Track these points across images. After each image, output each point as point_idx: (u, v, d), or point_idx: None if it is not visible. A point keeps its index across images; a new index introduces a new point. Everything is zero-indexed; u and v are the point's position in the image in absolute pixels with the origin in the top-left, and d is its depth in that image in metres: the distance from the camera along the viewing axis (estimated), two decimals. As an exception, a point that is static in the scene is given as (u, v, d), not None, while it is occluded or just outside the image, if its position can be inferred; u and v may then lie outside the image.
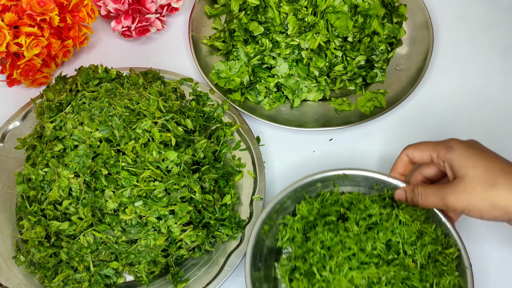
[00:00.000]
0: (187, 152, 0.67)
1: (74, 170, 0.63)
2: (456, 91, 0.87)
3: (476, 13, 0.95)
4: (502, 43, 0.91)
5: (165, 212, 0.64)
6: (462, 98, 0.86)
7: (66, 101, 0.70)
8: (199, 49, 0.87)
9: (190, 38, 0.86)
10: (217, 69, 0.83)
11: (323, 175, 0.71)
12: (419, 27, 0.88)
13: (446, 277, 0.63)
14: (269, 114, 0.81)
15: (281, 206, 0.70)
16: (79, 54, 0.89)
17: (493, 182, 0.59)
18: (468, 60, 0.90)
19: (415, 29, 0.89)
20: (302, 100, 0.83)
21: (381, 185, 0.70)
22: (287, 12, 0.80)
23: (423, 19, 0.89)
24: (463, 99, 0.86)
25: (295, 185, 0.70)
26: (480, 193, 0.59)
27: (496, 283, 0.71)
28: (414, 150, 0.67)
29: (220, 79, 0.83)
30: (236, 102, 0.81)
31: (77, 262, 0.65)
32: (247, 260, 0.66)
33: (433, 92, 0.86)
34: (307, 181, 0.71)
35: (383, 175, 0.70)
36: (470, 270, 0.64)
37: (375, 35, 0.83)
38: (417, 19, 0.89)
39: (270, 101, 0.82)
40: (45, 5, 0.76)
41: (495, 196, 0.59)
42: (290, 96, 0.82)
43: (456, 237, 0.65)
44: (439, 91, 0.86)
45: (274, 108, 0.83)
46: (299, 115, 0.81)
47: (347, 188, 0.72)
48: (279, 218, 0.70)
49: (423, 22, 0.88)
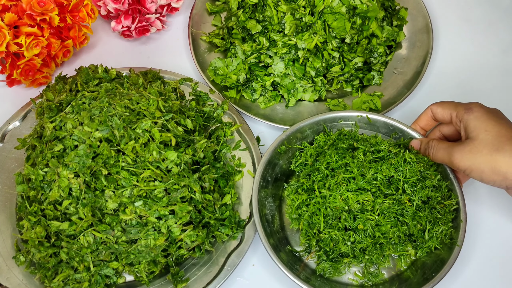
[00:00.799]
0: (187, 152, 0.67)
1: (74, 170, 0.63)
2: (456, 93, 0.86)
3: (476, 14, 0.95)
4: (502, 43, 0.91)
5: (165, 212, 0.64)
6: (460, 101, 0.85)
7: (66, 101, 0.70)
8: (198, 45, 0.87)
9: (190, 34, 0.87)
10: (215, 66, 0.83)
11: (345, 114, 0.75)
12: (420, 31, 0.88)
13: (439, 226, 0.67)
14: (264, 113, 0.81)
15: (302, 134, 0.75)
16: (79, 54, 0.89)
17: (499, 147, 0.61)
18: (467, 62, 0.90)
19: (415, 33, 0.89)
20: (297, 99, 0.83)
21: (399, 134, 0.75)
22: (284, 11, 0.80)
23: (423, 23, 0.88)
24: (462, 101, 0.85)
25: (318, 118, 0.75)
26: (484, 156, 0.61)
27: (485, 243, 0.74)
28: (438, 107, 0.70)
29: (217, 76, 0.83)
30: (232, 100, 0.81)
31: (77, 262, 0.65)
32: (259, 170, 0.71)
33: (430, 96, 0.86)
34: (329, 116, 0.75)
35: (404, 125, 0.74)
36: (464, 224, 0.67)
37: (373, 38, 0.83)
38: (417, 23, 0.89)
39: (265, 99, 0.83)
40: (45, 5, 0.76)
41: (497, 160, 0.61)
42: (285, 95, 0.83)
43: (459, 192, 0.69)
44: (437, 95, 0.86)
45: (269, 107, 0.83)
46: (294, 115, 0.82)
47: (367, 132, 0.77)
48: (297, 144, 0.75)
49: (423, 26, 0.88)
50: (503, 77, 0.88)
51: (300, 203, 0.69)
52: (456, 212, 0.69)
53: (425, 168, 0.69)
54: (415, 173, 0.67)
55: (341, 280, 0.69)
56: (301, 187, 0.71)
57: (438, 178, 0.69)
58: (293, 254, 0.70)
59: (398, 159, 0.68)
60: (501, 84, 0.87)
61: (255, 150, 0.76)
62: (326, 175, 0.69)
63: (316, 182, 0.69)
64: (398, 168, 0.68)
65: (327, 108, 0.82)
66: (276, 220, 0.72)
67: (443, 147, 0.67)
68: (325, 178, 0.69)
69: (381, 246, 0.67)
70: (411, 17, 0.90)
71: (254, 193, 0.70)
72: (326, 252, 0.68)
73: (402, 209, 0.66)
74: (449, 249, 0.66)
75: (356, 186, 0.66)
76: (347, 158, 0.69)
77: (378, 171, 0.67)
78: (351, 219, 0.66)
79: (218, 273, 0.67)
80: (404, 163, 0.68)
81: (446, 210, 0.68)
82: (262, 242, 0.67)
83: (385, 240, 0.66)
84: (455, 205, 0.69)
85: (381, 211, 0.66)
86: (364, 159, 0.68)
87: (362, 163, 0.68)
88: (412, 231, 0.67)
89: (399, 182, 0.67)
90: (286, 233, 0.72)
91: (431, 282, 0.64)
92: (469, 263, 0.72)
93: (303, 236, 0.70)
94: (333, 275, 0.69)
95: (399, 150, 0.70)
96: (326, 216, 0.67)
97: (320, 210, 0.67)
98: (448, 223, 0.68)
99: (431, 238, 0.67)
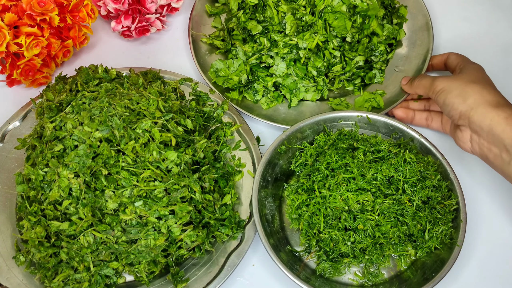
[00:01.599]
0: (187, 152, 0.67)
1: (74, 170, 0.63)
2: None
3: (476, 13, 0.95)
4: (503, 43, 0.91)
5: (165, 212, 0.64)
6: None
7: (66, 101, 0.70)
8: (199, 47, 0.87)
9: (190, 36, 0.87)
10: (216, 67, 0.83)
11: (346, 114, 0.76)
12: (420, 29, 0.88)
13: (439, 226, 0.67)
14: (267, 114, 0.81)
15: (302, 134, 0.75)
16: (79, 54, 0.89)
17: (475, 81, 0.69)
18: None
19: (415, 31, 0.89)
20: (299, 99, 0.83)
21: (399, 134, 0.75)
22: (285, 12, 0.80)
23: (423, 21, 0.88)
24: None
25: (318, 118, 0.75)
26: (460, 81, 0.69)
27: (485, 243, 0.74)
28: (454, 55, 0.80)
29: (218, 77, 0.83)
30: (234, 101, 0.81)
31: (77, 262, 0.65)
32: (259, 170, 0.71)
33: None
34: (329, 116, 0.75)
35: (404, 125, 0.75)
36: (464, 224, 0.68)
37: (374, 36, 0.83)
38: (417, 21, 0.89)
39: (267, 100, 0.83)
40: (45, 5, 0.76)
41: (468, 88, 0.67)
42: (287, 96, 0.82)
43: (459, 192, 0.70)
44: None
45: (271, 107, 0.83)
46: (296, 115, 0.81)
47: (367, 132, 0.77)
48: (297, 144, 0.75)
49: (423, 24, 0.88)
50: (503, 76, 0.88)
51: (300, 203, 0.70)
52: (456, 212, 0.69)
53: (425, 168, 0.69)
54: (415, 173, 0.68)
55: (341, 280, 0.69)
56: (301, 187, 0.71)
57: (438, 178, 0.69)
58: (293, 254, 0.70)
59: (398, 159, 0.68)
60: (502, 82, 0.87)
61: (255, 150, 0.76)
62: (326, 175, 0.69)
63: (316, 182, 0.69)
64: (398, 168, 0.68)
65: (330, 107, 0.82)
66: (276, 220, 0.72)
67: (430, 76, 0.74)
68: (325, 178, 0.69)
69: (381, 246, 0.67)
70: (411, 16, 0.90)
71: (254, 193, 0.70)
72: (326, 252, 0.68)
73: (402, 209, 0.66)
74: (449, 249, 0.66)
75: (356, 187, 0.67)
76: (347, 158, 0.69)
77: (378, 171, 0.67)
78: (351, 219, 0.66)
79: (218, 273, 0.67)
80: (404, 163, 0.68)
81: (446, 210, 0.69)
82: (262, 242, 0.67)
83: (385, 240, 0.66)
84: (455, 205, 0.69)
85: (381, 211, 0.66)
86: (364, 159, 0.69)
87: (362, 163, 0.68)
88: (412, 231, 0.67)
89: (399, 182, 0.67)
90: (286, 233, 0.72)
91: (431, 282, 0.64)
92: (469, 263, 0.72)
93: (303, 236, 0.70)
94: (333, 275, 0.69)
95: (399, 150, 0.70)
96: (326, 216, 0.67)
97: (320, 210, 0.67)
98: (448, 223, 0.68)
99: (431, 238, 0.67)
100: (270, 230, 0.69)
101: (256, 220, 0.68)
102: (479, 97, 0.66)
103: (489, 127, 0.64)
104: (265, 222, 0.69)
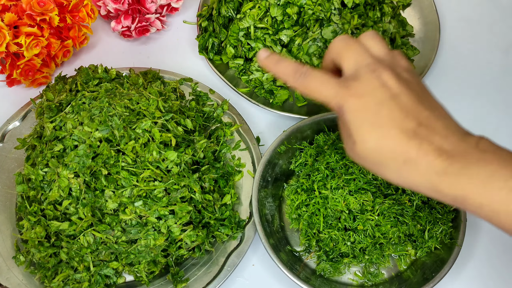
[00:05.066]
0: (187, 152, 0.67)
1: (74, 170, 0.63)
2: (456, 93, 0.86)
3: (476, 14, 0.95)
4: (503, 43, 0.91)
5: (165, 212, 0.64)
6: (460, 100, 0.86)
7: (66, 101, 0.70)
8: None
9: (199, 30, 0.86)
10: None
11: None
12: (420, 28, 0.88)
13: (439, 226, 0.67)
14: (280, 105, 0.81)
15: (301, 134, 0.74)
16: (79, 54, 0.89)
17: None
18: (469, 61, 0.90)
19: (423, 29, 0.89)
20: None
21: None
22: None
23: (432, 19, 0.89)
24: (462, 101, 0.86)
25: (318, 117, 0.74)
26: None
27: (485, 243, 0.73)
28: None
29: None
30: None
31: (77, 262, 0.65)
32: (259, 170, 0.71)
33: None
34: (329, 116, 0.74)
35: None
36: (464, 224, 0.67)
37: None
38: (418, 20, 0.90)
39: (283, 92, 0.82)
40: (45, 5, 0.76)
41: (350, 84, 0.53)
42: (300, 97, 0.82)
43: None
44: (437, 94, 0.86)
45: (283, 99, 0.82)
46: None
47: None
48: (297, 144, 0.74)
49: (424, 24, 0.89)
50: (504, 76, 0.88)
51: (300, 203, 0.70)
52: (456, 212, 0.69)
53: None
54: None
55: (341, 280, 0.69)
56: (300, 187, 0.71)
57: None
58: (293, 254, 0.70)
59: None
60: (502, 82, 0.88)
61: (255, 150, 0.76)
62: (326, 175, 0.69)
63: (316, 182, 0.69)
64: None
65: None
66: (276, 220, 0.72)
67: (319, 75, 0.54)
68: (325, 178, 0.69)
69: (381, 246, 0.67)
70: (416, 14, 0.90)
71: (254, 193, 0.70)
72: (326, 252, 0.68)
73: (402, 209, 0.66)
74: (449, 249, 0.66)
75: (356, 187, 0.67)
76: (347, 158, 0.69)
77: None
78: (351, 219, 0.66)
79: (218, 273, 0.67)
80: None
81: (446, 210, 0.68)
82: (262, 242, 0.67)
83: (385, 240, 0.66)
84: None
85: (381, 211, 0.66)
86: None
87: None
88: (412, 231, 0.67)
89: None
90: (286, 233, 0.72)
91: (431, 282, 0.64)
92: (469, 263, 0.72)
93: (303, 236, 0.70)
94: (333, 275, 0.69)
95: None
96: (326, 216, 0.67)
97: (320, 210, 0.67)
98: (448, 223, 0.68)
99: (431, 238, 0.67)
100: (270, 230, 0.69)
101: (256, 220, 0.68)
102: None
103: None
104: (265, 222, 0.69)
